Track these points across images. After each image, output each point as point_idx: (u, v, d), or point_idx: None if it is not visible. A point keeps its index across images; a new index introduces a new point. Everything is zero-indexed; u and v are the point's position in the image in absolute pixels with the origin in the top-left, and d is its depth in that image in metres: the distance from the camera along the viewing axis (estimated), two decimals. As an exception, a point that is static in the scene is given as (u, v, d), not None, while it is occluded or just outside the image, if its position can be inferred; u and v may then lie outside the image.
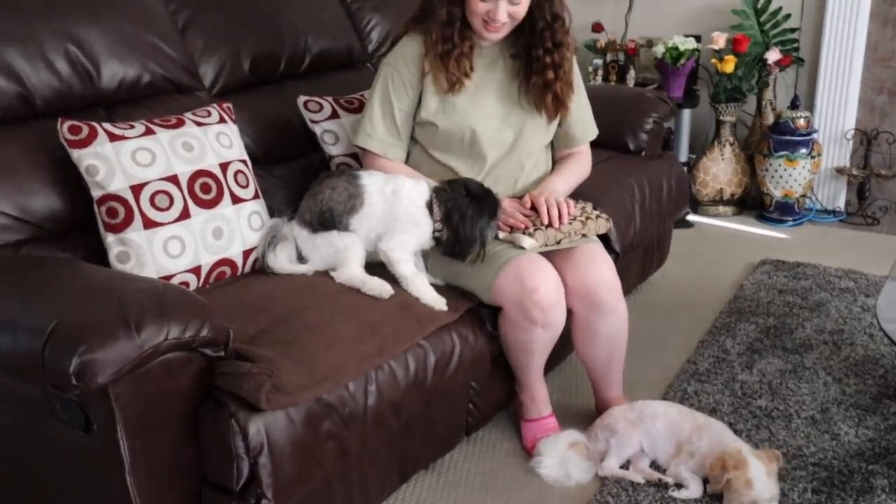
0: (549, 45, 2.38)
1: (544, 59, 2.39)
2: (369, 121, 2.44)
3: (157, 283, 1.78)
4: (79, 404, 1.61)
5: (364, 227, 2.26)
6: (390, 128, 2.43)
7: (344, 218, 2.26)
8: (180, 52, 2.56)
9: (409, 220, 2.25)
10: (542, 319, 2.21)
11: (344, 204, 2.26)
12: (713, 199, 4.41)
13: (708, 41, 4.24)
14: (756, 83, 4.26)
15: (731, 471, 2.12)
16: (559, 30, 2.39)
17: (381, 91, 2.43)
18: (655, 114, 3.27)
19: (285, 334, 1.88)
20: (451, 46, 2.34)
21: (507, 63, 2.46)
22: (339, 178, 2.31)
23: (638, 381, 2.75)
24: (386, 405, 1.96)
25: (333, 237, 2.25)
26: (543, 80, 2.41)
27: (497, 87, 2.46)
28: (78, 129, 2.06)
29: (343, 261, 2.21)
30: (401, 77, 2.41)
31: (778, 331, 3.06)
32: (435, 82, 2.38)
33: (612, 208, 2.65)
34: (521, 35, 2.41)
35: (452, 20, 2.33)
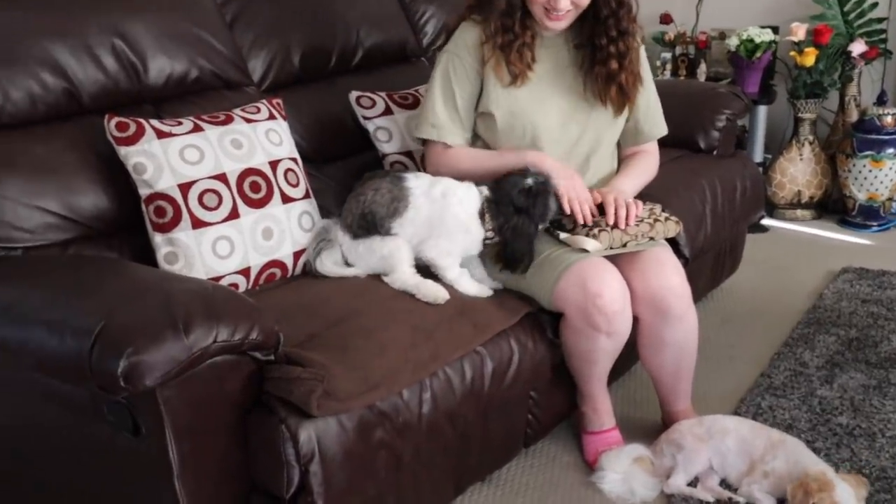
0: (614, 33, 2.39)
1: (608, 48, 2.40)
2: (431, 111, 2.46)
3: (205, 283, 1.84)
4: (127, 407, 1.66)
5: (407, 232, 2.28)
6: (453, 116, 2.45)
7: (386, 222, 2.28)
8: (229, 47, 2.63)
9: (459, 227, 2.27)
10: (606, 327, 2.22)
11: (387, 207, 2.28)
12: (790, 203, 4.38)
13: (786, 32, 4.21)
14: (839, 77, 4.22)
15: (815, 494, 2.07)
16: (624, 17, 2.39)
17: (442, 79, 2.46)
18: (728, 110, 3.26)
19: (337, 339, 1.92)
20: (512, 37, 2.37)
21: (572, 54, 2.48)
22: (383, 179, 2.34)
23: (708, 394, 2.75)
24: (441, 414, 1.99)
25: (376, 243, 2.27)
26: (607, 71, 2.42)
27: (561, 78, 2.47)
28: (125, 126, 2.13)
29: (391, 266, 2.24)
30: (462, 64, 2.44)
31: (861, 343, 3.03)
32: (496, 73, 2.41)
33: (682, 210, 2.64)
34: (586, 24, 2.42)
35: (513, 9, 2.35)
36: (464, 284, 2.26)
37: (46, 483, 2.03)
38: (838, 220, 4.34)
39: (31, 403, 1.96)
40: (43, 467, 2.00)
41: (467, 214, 2.27)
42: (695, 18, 4.57)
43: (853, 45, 4.09)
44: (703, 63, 4.38)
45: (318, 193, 2.49)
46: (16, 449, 2.07)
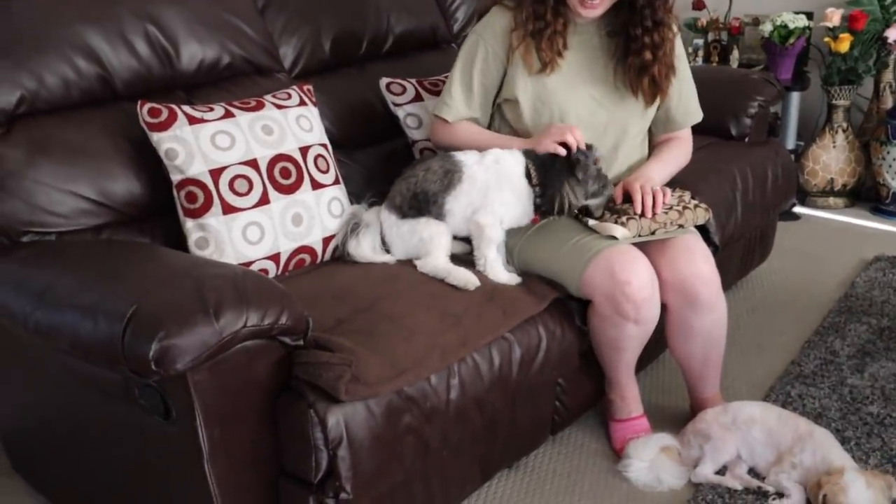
0: (649, 23, 2.38)
1: (643, 38, 2.39)
2: (447, 90, 2.50)
3: (236, 269, 1.85)
4: (158, 391, 1.68)
5: (462, 203, 2.30)
6: (467, 97, 2.48)
7: (440, 197, 2.30)
8: (260, 33, 2.64)
9: (513, 188, 2.31)
10: (635, 314, 2.22)
11: (440, 182, 2.30)
12: (823, 190, 4.34)
13: (821, 18, 4.17)
14: (874, 64, 4.17)
15: (824, 486, 2.10)
16: (660, 7, 2.37)
17: (464, 60, 2.48)
18: (761, 97, 3.24)
19: (365, 324, 1.93)
20: (543, 24, 2.36)
21: (604, 41, 2.47)
22: (432, 159, 2.37)
23: (737, 383, 2.74)
24: (469, 400, 2.00)
25: (420, 224, 2.30)
26: (641, 62, 2.41)
27: (592, 66, 2.46)
28: (157, 112, 2.15)
29: (428, 251, 2.27)
30: (485, 47, 2.45)
31: (892, 332, 3.00)
32: (525, 61, 2.40)
33: (712, 198, 2.63)
34: (620, 11, 2.40)
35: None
36: (497, 269, 2.27)
37: (79, 465, 2.06)
38: (871, 208, 4.30)
39: (64, 387, 1.99)
40: (75, 450, 2.03)
41: (518, 176, 2.31)
42: (728, 4, 4.53)
43: (889, 30, 4.04)
44: (735, 49, 4.34)
45: (347, 180, 2.51)
46: (49, 432, 2.10)
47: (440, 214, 2.31)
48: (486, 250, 2.28)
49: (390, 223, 2.34)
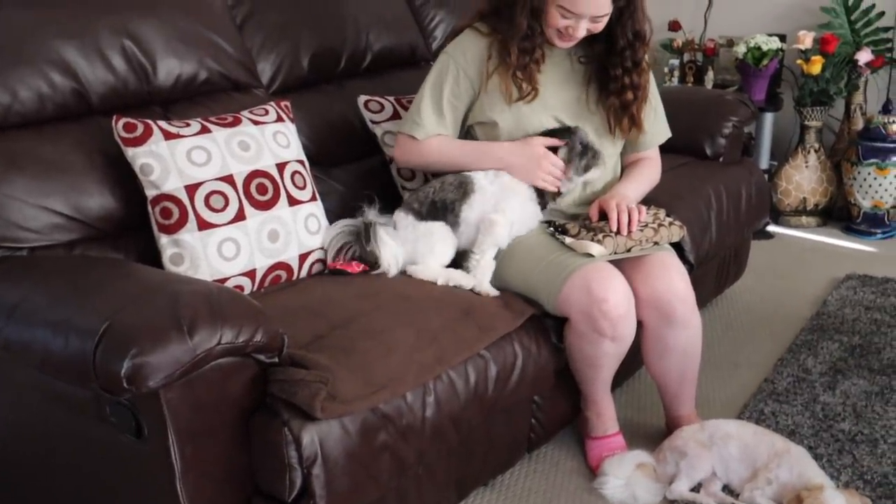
0: (629, 63, 2.38)
1: (623, 78, 2.39)
2: (416, 109, 2.46)
3: (210, 285, 1.81)
4: (130, 409, 1.64)
5: (476, 211, 2.36)
6: (437, 117, 2.45)
7: (457, 205, 2.36)
8: (238, 49, 2.61)
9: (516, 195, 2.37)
10: (611, 331, 2.20)
11: (455, 191, 2.38)
12: (796, 210, 4.35)
13: (793, 41, 4.19)
14: (845, 86, 4.19)
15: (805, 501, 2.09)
16: (640, 48, 2.37)
17: (435, 80, 2.45)
18: (735, 117, 3.24)
19: (342, 341, 1.90)
20: (528, 59, 2.35)
21: (575, 66, 2.47)
22: (445, 175, 2.44)
23: (711, 400, 2.73)
24: (445, 417, 1.97)
25: (437, 227, 2.36)
26: (621, 102, 2.42)
27: (564, 91, 2.46)
28: (133, 127, 2.11)
29: (428, 256, 2.32)
30: (456, 69, 2.43)
31: (864, 350, 3.00)
32: (501, 89, 2.38)
33: (687, 216, 2.63)
34: (596, 42, 2.40)
35: (533, 33, 2.33)
36: (485, 273, 2.30)
37: (48, 484, 2.01)
38: (843, 227, 4.32)
39: (34, 404, 1.94)
40: (45, 468, 1.99)
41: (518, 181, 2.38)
42: (703, 26, 4.55)
43: (859, 53, 4.07)
44: (710, 70, 4.36)
45: (324, 196, 2.48)
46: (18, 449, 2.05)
47: (455, 223, 2.36)
48: (487, 250, 2.32)
49: (407, 223, 2.38)
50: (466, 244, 2.38)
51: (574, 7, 2.24)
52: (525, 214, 2.40)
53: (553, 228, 2.42)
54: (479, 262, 2.31)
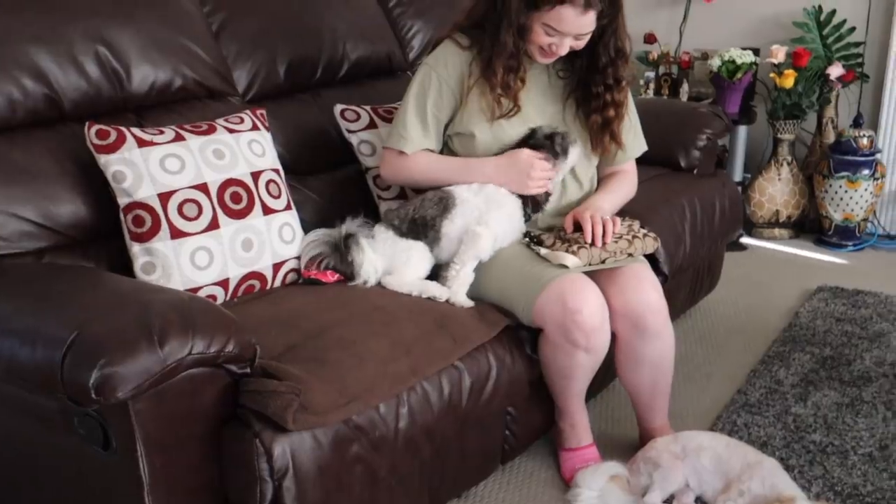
0: (611, 80, 2.38)
1: (605, 96, 2.39)
2: (402, 122, 2.42)
3: (182, 294, 1.79)
4: (98, 420, 1.61)
5: (457, 226, 2.32)
6: (423, 129, 2.42)
7: (437, 220, 2.33)
8: (214, 56, 2.58)
9: (501, 208, 2.35)
10: (585, 343, 2.18)
11: (436, 207, 2.34)
12: (769, 222, 4.36)
13: (766, 55, 4.20)
14: (817, 99, 4.21)
15: None
16: (622, 65, 2.37)
17: (417, 92, 2.42)
18: (709, 130, 3.24)
19: (315, 351, 1.87)
20: (512, 77, 2.33)
21: (553, 80, 2.47)
22: (427, 192, 2.40)
23: (684, 411, 2.72)
24: (418, 429, 1.95)
25: (415, 246, 2.32)
26: (603, 118, 2.41)
27: (543, 105, 2.45)
28: (106, 134, 2.08)
29: (404, 272, 2.29)
30: (438, 80, 2.40)
31: (835, 362, 3.00)
32: (482, 104, 2.37)
33: (661, 228, 2.62)
34: (577, 58, 2.39)
35: (518, 51, 2.32)
36: (463, 285, 2.28)
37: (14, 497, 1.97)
38: (815, 239, 4.33)
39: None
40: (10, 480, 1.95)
41: (504, 194, 2.36)
42: (678, 39, 4.56)
43: (831, 68, 4.09)
44: (685, 83, 4.36)
45: (299, 205, 2.45)
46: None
47: (436, 238, 2.33)
48: (468, 262, 2.29)
49: (386, 237, 2.35)
50: (448, 257, 2.35)
51: (560, 25, 2.22)
52: (510, 227, 2.38)
53: (529, 239, 2.40)
54: (459, 274, 2.28)
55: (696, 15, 4.50)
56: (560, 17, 2.21)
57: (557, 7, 2.19)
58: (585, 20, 2.22)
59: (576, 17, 2.20)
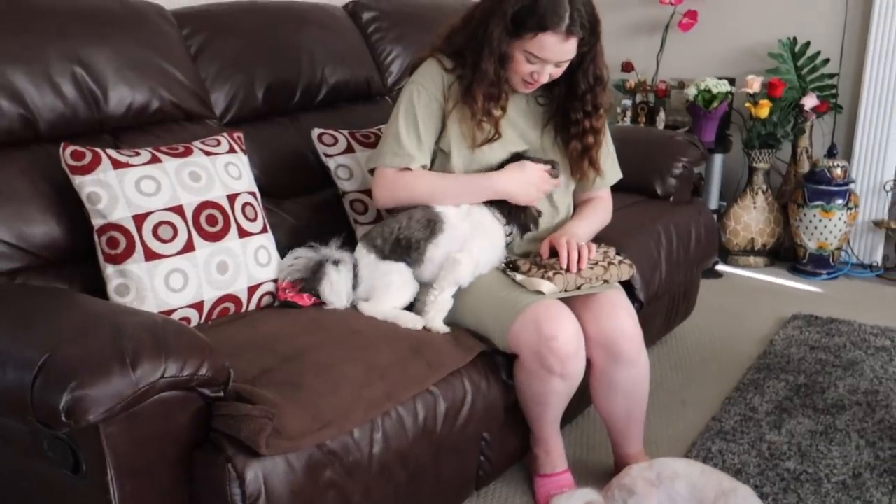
0: (590, 108, 2.39)
1: (584, 122, 2.40)
2: (395, 139, 2.38)
3: (155, 317, 1.77)
4: (68, 443, 1.59)
5: (442, 250, 2.32)
6: (417, 143, 2.38)
7: (423, 244, 2.31)
8: (192, 79, 2.58)
9: (486, 234, 2.36)
10: (560, 369, 2.18)
11: (423, 230, 2.32)
12: (744, 249, 4.39)
13: (742, 84, 4.25)
14: (791, 129, 4.26)
15: None
16: (601, 93, 2.39)
17: (406, 108, 2.39)
18: (685, 158, 3.27)
19: (289, 375, 1.86)
20: (493, 105, 2.34)
21: (532, 106, 2.48)
22: (414, 209, 2.37)
23: (659, 438, 2.72)
24: (392, 454, 1.93)
25: (396, 270, 2.31)
26: (583, 145, 2.42)
27: (521, 130, 2.46)
28: (81, 155, 2.07)
29: (386, 297, 2.28)
30: (427, 95, 2.39)
31: (809, 389, 3.01)
32: (464, 131, 2.37)
33: (637, 255, 2.63)
34: (556, 86, 2.41)
35: (500, 79, 2.32)
36: (440, 312, 2.27)
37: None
38: (789, 267, 4.36)
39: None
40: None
41: (490, 221, 2.37)
42: (655, 68, 4.60)
43: (805, 98, 4.13)
44: (662, 111, 4.39)
45: (275, 228, 2.45)
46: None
47: (420, 261, 2.32)
48: (447, 288, 2.29)
49: (368, 261, 2.33)
50: (430, 278, 2.34)
51: (542, 53, 2.24)
52: (493, 255, 2.38)
53: (505, 265, 2.40)
54: (437, 299, 2.28)
55: (672, 44, 4.54)
56: (542, 45, 2.22)
57: (540, 35, 2.21)
58: (567, 47, 2.24)
59: (557, 43, 2.22)
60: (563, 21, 2.19)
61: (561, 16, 2.19)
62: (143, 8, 2.54)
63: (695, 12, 4.40)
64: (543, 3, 2.20)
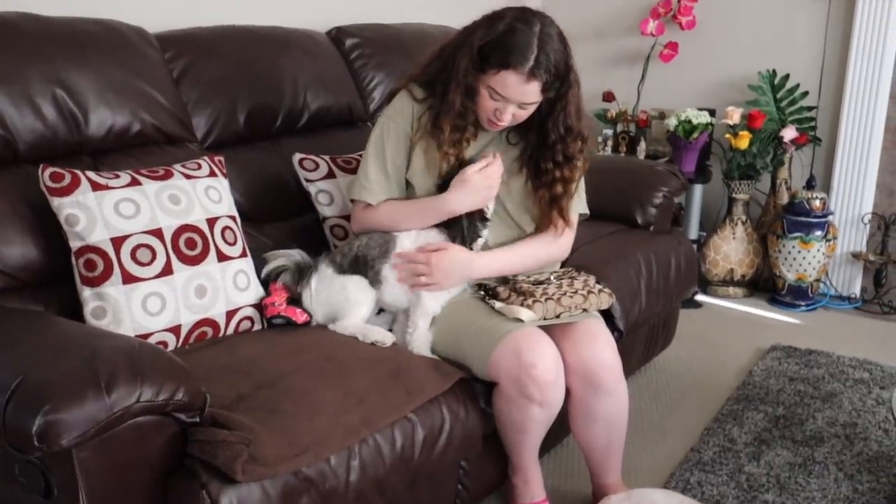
0: (560, 158, 2.36)
1: (554, 172, 2.37)
2: (364, 173, 2.43)
3: (131, 340, 1.76)
4: (40, 467, 1.57)
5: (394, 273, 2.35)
6: (384, 179, 2.42)
7: (377, 262, 2.35)
8: (173, 102, 2.58)
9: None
10: (539, 397, 2.18)
11: (378, 249, 2.36)
12: (723, 280, 4.40)
13: (722, 115, 4.28)
14: (771, 161, 4.29)
15: None
16: (571, 143, 2.36)
17: (376, 142, 2.43)
18: (666, 188, 3.29)
19: (266, 401, 1.85)
20: (460, 136, 2.35)
21: (505, 145, 2.46)
22: (374, 232, 2.42)
23: (638, 468, 2.71)
24: (369, 482, 1.92)
25: (352, 283, 2.35)
26: (551, 195, 2.39)
27: None
28: (60, 177, 2.06)
29: (347, 312, 2.31)
30: (396, 129, 2.41)
31: (787, 421, 3.02)
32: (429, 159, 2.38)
33: (617, 284, 2.63)
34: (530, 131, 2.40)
35: (466, 111, 2.32)
36: (422, 342, 2.29)
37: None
38: (768, 298, 4.38)
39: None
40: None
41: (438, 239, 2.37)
42: (636, 98, 4.63)
43: (785, 130, 4.17)
44: (642, 141, 4.42)
45: (255, 253, 2.43)
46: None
47: (376, 280, 2.35)
48: (419, 320, 2.31)
49: (325, 275, 2.37)
50: (392, 300, 2.37)
51: (503, 91, 2.23)
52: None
53: (484, 293, 2.40)
54: (414, 335, 2.30)
55: (654, 75, 4.58)
56: (504, 83, 2.22)
57: (502, 72, 2.20)
58: (529, 88, 2.22)
59: (518, 83, 2.21)
60: (526, 62, 2.18)
61: (525, 56, 2.18)
62: (125, 30, 2.54)
63: (676, 44, 4.44)
64: (510, 40, 2.19)
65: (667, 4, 4.42)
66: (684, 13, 4.40)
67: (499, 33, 2.22)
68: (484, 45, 2.23)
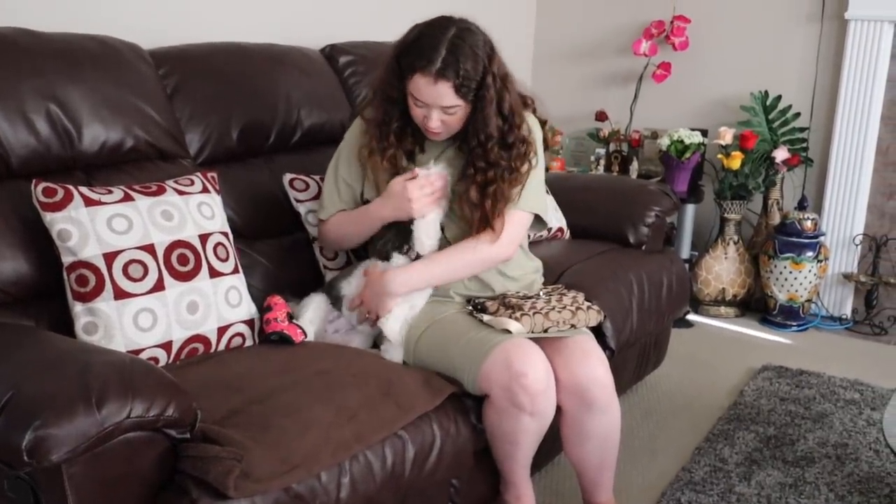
0: (482, 163, 2.34)
1: (475, 176, 2.36)
2: (326, 194, 2.55)
3: (122, 356, 1.76)
4: (29, 483, 1.57)
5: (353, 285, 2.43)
6: (337, 195, 2.53)
7: (336, 283, 2.47)
8: (167, 118, 2.59)
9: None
10: (530, 406, 2.18)
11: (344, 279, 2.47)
12: (715, 300, 4.42)
13: (714, 136, 4.30)
14: (763, 181, 4.31)
15: None
16: (492, 149, 2.33)
17: (333, 163, 2.56)
18: (658, 207, 3.30)
19: (258, 417, 1.85)
20: (385, 145, 2.38)
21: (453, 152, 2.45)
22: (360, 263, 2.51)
23: (629, 487, 2.71)
24: (359, 499, 1.92)
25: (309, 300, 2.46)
26: (478, 197, 2.35)
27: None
28: (53, 192, 2.06)
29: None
30: (348, 152, 2.51)
31: (778, 441, 3.02)
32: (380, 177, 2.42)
33: (609, 303, 2.64)
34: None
35: (392, 121, 2.36)
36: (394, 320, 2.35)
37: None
38: (760, 318, 4.39)
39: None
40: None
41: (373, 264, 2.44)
42: (629, 117, 4.65)
43: (777, 151, 4.19)
44: (635, 160, 4.44)
45: (247, 269, 2.45)
46: None
47: (337, 300, 2.44)
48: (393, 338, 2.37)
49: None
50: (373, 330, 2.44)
51: (419, 95, 2.27)
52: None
53: (472, 307, 2.41)
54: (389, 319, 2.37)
55: (646, 95, 4.61)
56: (417, 86, 2.26)
57: (413, 75, 2.25)
58: (439, 90, 2.24)
59: (427, 85, 2.24)
60: (432, 64, 2.21)
61: (431, 59, 2.21)
62: (119, 47, 2.55)
63: (668, 64, 4.47)
64: (419, 44, 2.25)
65: (660, 25, 4.45)
66: (677, 34, 4.43)
67: (410, 40, 2.29)
68: (399, 54, 2.30)
